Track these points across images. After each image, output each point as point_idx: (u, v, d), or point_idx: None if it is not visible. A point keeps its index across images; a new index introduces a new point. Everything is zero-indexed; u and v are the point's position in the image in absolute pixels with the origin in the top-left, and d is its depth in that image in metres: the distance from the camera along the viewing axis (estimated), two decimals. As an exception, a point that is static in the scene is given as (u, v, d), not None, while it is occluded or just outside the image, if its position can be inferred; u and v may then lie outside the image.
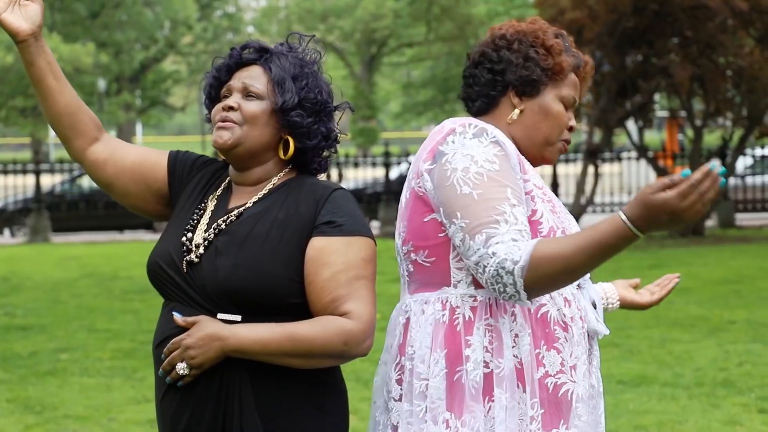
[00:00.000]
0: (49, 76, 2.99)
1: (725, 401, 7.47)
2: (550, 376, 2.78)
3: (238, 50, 2.96)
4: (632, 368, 8.50)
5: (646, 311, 11.25)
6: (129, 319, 11.42)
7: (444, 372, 2.77)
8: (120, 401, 7.75)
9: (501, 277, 2.64)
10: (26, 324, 11.20)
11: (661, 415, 7.14)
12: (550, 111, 2.90)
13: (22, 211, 23.49)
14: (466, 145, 2.78)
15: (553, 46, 2.90)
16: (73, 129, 3.00)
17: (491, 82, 2.91)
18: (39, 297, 13.25)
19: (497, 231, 2.68)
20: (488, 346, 2.77)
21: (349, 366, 8.67)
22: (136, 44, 47.23)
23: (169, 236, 2.94)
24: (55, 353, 9.59)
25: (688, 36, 18.82)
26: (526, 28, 2.93)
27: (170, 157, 3.04)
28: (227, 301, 2.79)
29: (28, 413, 7.48)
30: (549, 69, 2.90)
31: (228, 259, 2.80)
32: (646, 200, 2.53)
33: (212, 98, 2.99)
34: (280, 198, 2.88)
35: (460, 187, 2.74)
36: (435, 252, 2.82)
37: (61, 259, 17.83)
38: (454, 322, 2.79)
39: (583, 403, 2.80)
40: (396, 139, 56.72)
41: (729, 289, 12.71)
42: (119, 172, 3.01)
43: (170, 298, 2.88)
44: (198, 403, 2.81)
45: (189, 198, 2.99)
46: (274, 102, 2.89)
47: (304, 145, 2.91)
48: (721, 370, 8.42)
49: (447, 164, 2.77)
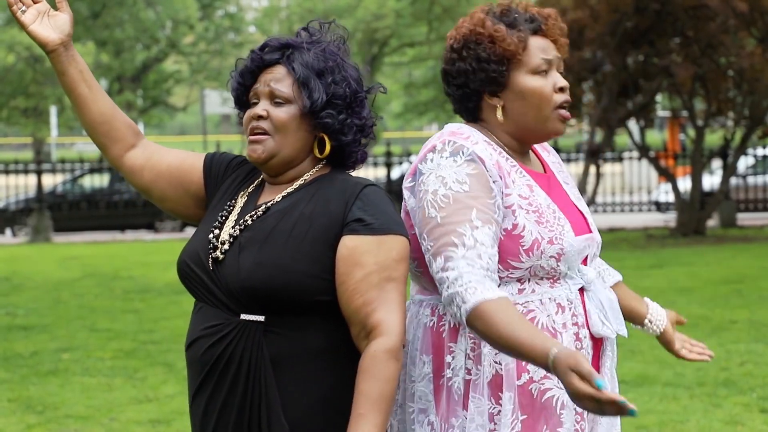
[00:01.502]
0: (82, 84, 2.97)
1: (727, 401, 7.47)
2: (534, 382, 2.76)
3: (258, 53, 2.90)
4: (634, 368, 8.50)
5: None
6: (130, 318, 11.43)
7: (430, 376, 2.81)
8: (121, 401, 7.75)
9: (452, 304, 2.69)
10: (28, 324, 11.20)
11: (662, 415, 7.14)
12: (526, 91, 2.86)
13: (23, 211, 23.51)
14: (441, 165, 2.79)
15: (494, 35, 2.85)
16: (109, 136, 2.99)
17: (464, 97, 2.90)
18: (40, 297, 13.25)
19: (454, 254, 2.70)
20: (470, 353, 2.78)
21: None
22: (137, 44, 47.25)
23: (198, 234, 2.92)
24: (57, 353, 9.60)
25: (690, 36, 18.82)
26: (467, 29, 2.88)
27: (206, 159, 3.02)
28: (250, 299, 2.77)
29: (29, 413, 7.48)
30: (501, 58, 2.85)
31: (250, 256, 2.78)
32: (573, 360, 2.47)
33: (242, 103, 2.94)
34: (309, 193, 2.84)
35: (428, 210, 2.77)
36: (422, 263, 2.85)
37: (62, 258, 17.84)
38: (441, 329, 2.82)
39: (567, 410, 2.78)
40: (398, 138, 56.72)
41: (730, 288, 12.70)
42: (156, 177, 2.99)
43: (199, 298, 2.87)
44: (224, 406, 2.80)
45: (222, 197, 2.97)
46: (303, 105, 2.84)
47: (339, 142, 2.86)
48: (722, 369, 8.42)
49: (422, 185, 2.80)
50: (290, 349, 2.77)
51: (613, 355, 2.94)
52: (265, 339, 2.77)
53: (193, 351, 2.84)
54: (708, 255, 16.39)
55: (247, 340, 2.77)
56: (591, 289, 2.88)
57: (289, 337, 2.78)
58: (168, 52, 48.74)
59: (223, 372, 2.79)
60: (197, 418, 2.85)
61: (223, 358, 2.79)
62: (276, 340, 2.77)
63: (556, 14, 2.92)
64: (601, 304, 2.88)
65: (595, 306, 2.87)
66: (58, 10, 2.98)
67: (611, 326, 2.88)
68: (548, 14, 2.91)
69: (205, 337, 2.81)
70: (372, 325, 2.73)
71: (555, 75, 2.89)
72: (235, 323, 2.78)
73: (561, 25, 2.93)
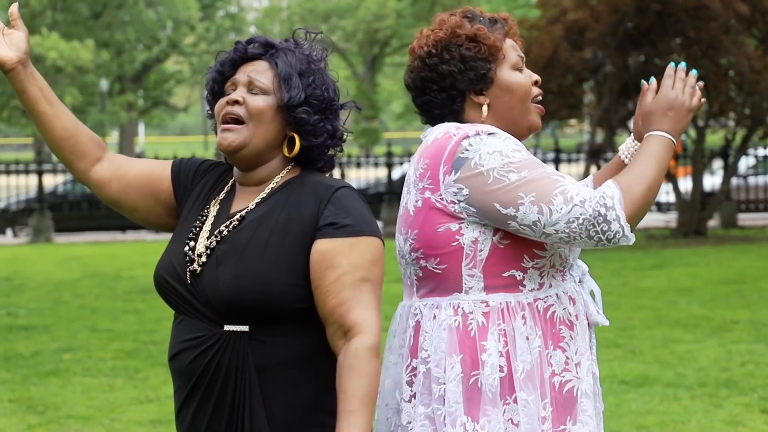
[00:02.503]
0: (43, 102, 2.95)
1: (728, 401, 7.47)
2: (556, 375, 2.84)
3: (243, 44, 2.90)
4: (635, 368, 8.50)
5: (648, 311, 11.25)
6: (131, 319, 11.43)
7: (460, 377, 2.80)
8: (122, 401, 7.76)
9: (603, 216, 2.75)
10: (29, 324, 11.20)
11: (663, 416, 7.14)
12: (510, 85, 2.93)
13: (24, 211, 23.52)
14: (487, 144, 2.81)
15: (477, 33, 2.91)
16: (74, 152, 2.97)
17: (448, 99, 2.92)
18: (41, 297, 13.25)
19: (568, 187, 2.78)
20: (502, 350, 2.80)
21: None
22: (138, 44, 47.24)
23: (173, 246, 2.90)
24: (58, 353, 9.60)
25: (691, 37, 18.81)
26: (443, 34, 2.92)
27: (174, 166, 2.99)
28: (231, 312, 2.76)
29: (30, 413, 7.48)
30: (488, 55, 2.90)
31: (229, 269, 2.76)
32: (646, 110, 2.95)
33: (215, 93, 2.91)
34: (282, 199, 2.82)
35: (507, 177, 2.79)
36: (447, 260, 2.84)
37: (63, 259, 17.84)
38: (468, 328, 2.82)
39: (587, 398, 2.87)
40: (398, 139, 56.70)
41: (731, 289, 12.70)
42: (125, 188, 2.97)
43: (178, 310, 2.85)
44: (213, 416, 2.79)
45: (193, 205, 2.94)
46: (280, 98, 2.83)
47: (309, 143, 2.85)
48: (723, 370, 8.41)
49: (479, 167, 2.80)
50: (275, 357, 2.77)
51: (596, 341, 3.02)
52: (250, 348, 2.76)
53: (178, 362, 2.83)
54: (709, 255, 16.39)
55: (232, 351, 2.76)
56: (584, 280, 2.96)
57: (273, 345, 2.77)
58: (169, 53, 48.73)
59: (211, 383, 2.78)
60: (185, 426, 2.84)
61: (209, 368, 2.78)
62: (261, 349, 2.76)
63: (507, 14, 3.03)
64: (592, 293, 2.96)
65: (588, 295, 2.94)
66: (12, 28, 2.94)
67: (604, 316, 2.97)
68: (506, 17, 3.01)
69: (190, 349, 2.80)
70: (349, 324, 2.73)
71: (527, 71, 2.99)
72: (219, 334, 2.77)
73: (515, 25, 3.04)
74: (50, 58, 40.29)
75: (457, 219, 2.82)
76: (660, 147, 2.90)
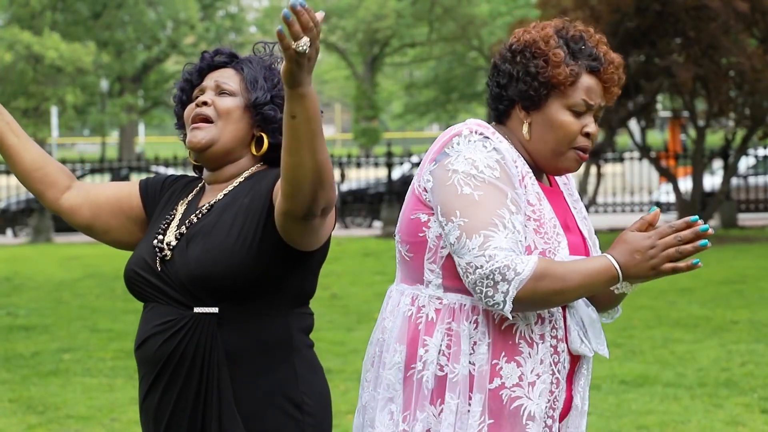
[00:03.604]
0: (10, 134, 3.04)
1: (728, 401, 7.47)
2: (506, 388, 2.77)
3: (210, 54, 3.04)
4: (635, 368, 8.51)
5: (648, 311, 11.24)
6: (131, 319, 11.43)
7: (400, 366, 2.82)
8: (122, 401, 7.76)
9: (494, 281, 2.66)
10: (29, 324, 11.21)
11: (663, 416, 7.14)
12: (554, 122, 2.85)
13: (24, 211, 23.52)
14: (469, 149, 2.79)
15: (550, 57, 2.84)
16: (44, 182, 3.06)
17: (498, 97, 2.91)
18: (41, 297, 13.26)
19: (495, 235, 2.70)
20: (444, 350, 2.78)
21: (352, 366, 8.65)
22: (138, 44, 47.25)
23: (143, 244, 2.99)
24: (58, 353, 9.61)
25: (691, 36, 18.81)
26: (532, 38, 2.88)
27: (141, 184, 3.11)
28: (201, 289, 2.82)
29: (30, 413, 7.48)
30: (547, 82, 2.84)
31: (197, 246, 2.85)
32: (623, 237, 2.71)
33: (183, 102, 3.05)
34: (248, 185, 2.93)
35: (461, 188, 2.75)
36: (414, 249, 2.85)
37: (63, 259, 17.85)
38: (418, 321, 2.82)
39: (533, 423, 2.77)
40: (398, 139, 56.68)
41: (731, 289, 12.71)
42: (96, 210, 3.06)
43: (148, 299, 2.92)
44: (178, 401, 2.84)
45: (162, 209, 3.05)
46: (247, 98, 2.96)
47: (277, 140, 2.94)
48: (723, 370, 8.42)
49: (449, 165, 2.79)
50: (244, 342, 2.84)
51: (588, 374, 2.93)
52: (219, 332, 2.82)
53: (146, 349, 2.88)
54: (709, 255, 16.38)
55: (201, 334, 2.83)
56: (573, 306, 2.87)
57: (242, 330, 2.84)
58: (169, 53, 48.73)
59: (178, 366, 2.84)
60: (150, 414, 2.89)
61: (177, 352, 2.84)
62: (230, 333, 2.83)
63: (620, 62, 2.91)
64: (582, 322, 2.87)
65: (576, 323, 2.85)
66: None
67: (589, 345, 2.86)
68: (613, 60, 2.89)
69: (159, 334, 2.86)
70: None
71: (588, 119, 2.90)
72: (189, 317, 2.84)
73: (621, 75, 2.91)
74: (49, 58, 40.29)
75: (428, 209, 2.83)
76: (601, 269, 2.69)
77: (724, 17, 18.19)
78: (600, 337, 2.90)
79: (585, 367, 2.90)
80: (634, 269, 2.68)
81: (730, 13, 18.16)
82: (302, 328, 2.93)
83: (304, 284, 2.92)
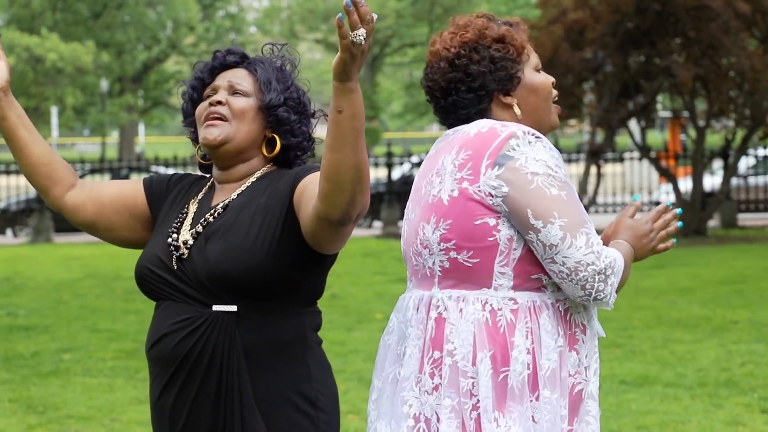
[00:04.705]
0: (22, 128, 3.04)
1: (728, 401, 7.47)
2: (570, 376, 2.87)
3: (222, 53, 3.06)
4: (635, 368, 8.50)
5: (648, 311, 11.24)
6: (131, 319, 11.43)
7: (490, 372, 2.82)
8: (122, 401, 7.76)
9: (606, 276, 2.82)
10: (29, 324, 11.21)
11: (663, 416, 7.14)
12: (536, 85, 3.00)
13: (24, 212, 23.51)
14: (533, 149, 2.84)
15: (505, 35, 2.97)
16: (50, 178, 3.06)
17: (476, 99, 2.95)
18: (41, 297, 13.26)
19: (592, 232, 2.85)
20: (529, 348, 2.83)
21: (352, 366, 8.66)
22: (138, 45, 47.24)
23: (154, 242, 3.00)
24: (58, 353, 9.60)
25: (691, 36, 18.81)
26: (470, 36, 2.97)
27: (145, 181, 3.12)
28: (220, 287, 2.83)
29: (30, 413, 7.48)
30: (516, 56, 2.96)
31: (217, 245, 2.86)
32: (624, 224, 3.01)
33: (194, 100, 3.06)
34: (262, 185, 2.95)
35: (548, 189, 2.81)
36: (480, 254, 2.85)
37: (63, 259, 17.85)
38: (498, 324, 2.83)
39: (592, 400, 2.90)
40: (398, 139, 56.69)
41: (731, 289, 12.70)
42: (100, 208, 3.07)
43: (163, 297, 2.92)
44: (196, 399, 2.85)
45: (170, 208, 3.05)
46: (261, 99, 2.98)
47: (289, 142, 2.99)
48: (723, 370, 8.42)
49: (524, 168, 2.82)
50: (261, 339, 2.85)
51: None
52: (237, 330, 2.83)
53: (161, 347, 2.89)
54: (709, 255, 16.39)
55: (219, 332, 2.83)
56: None
57: (260, 327, 2.85)
58: (169, 53, 48.72)
59: (195, 364, 2.84)
60: (165, 413, 2.89)
61: (195, 350, 2.84)
62: (248, 331, 2.84)
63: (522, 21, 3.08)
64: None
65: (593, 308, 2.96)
66: None
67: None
68: (518, 21, 3.06)
69: (175, 332, 2.86)
70: None
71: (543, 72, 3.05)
72: (207, 315, 2.84)
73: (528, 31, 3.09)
74: (50, 59, 40.31)
75: (494, 213, 2.84)
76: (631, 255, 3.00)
77: (724, 17, 18.19)
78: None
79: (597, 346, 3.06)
80: (640, 252, 3.00)
81: (730, 13, 18.16)
82: (314, 327, 2.95)
83: (317, 284, 2.94)
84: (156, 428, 2.95)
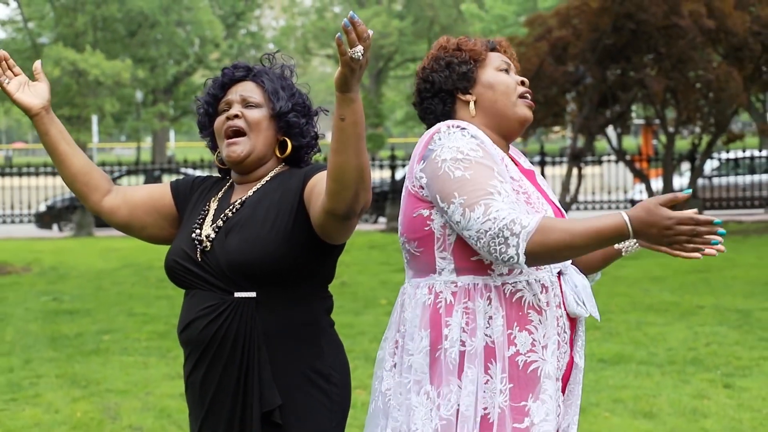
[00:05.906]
0: (62, 142, 3.05)
1: (694, 377, 7.47)
2: (521, 355, 2.76)
3: (230, 69, 3.06)
4: (612, 348, 8.51)
5: (624, 298, 11.23)
6: (163, 304, 11.44)
7: (427, 349, 2.79)
8: (156, 377, 7.77)
9: (504, 238, 2.64)
10: (72, 309, 11.22)
11: (637, 390, 7.14)
12: (491, 81, 2.94)
13: (68, 209, 23.53)
14: (451, 139, 2.80)
15: (459, 42, 2.98)
16: (89, 186, 3.07)
17: (440, 103, 2.95)
18: (84, 285, 13.28)
19: (494, 201, 2.69)
20: (465, 327, 2.77)
21: (359, 346, 8.66)
22: (169, 60, 47.25)
23: (180, 237, 3.00)
24: (98, 335, 9.62)
25: (662, 52, 18.79)
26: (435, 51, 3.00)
27: (172, 184, 3.13)
28: (240, 275, 2.83)
29: (74, 387, 7.50)
30: (469, 58, 2.94)
31: (237, 237, 2.87)
32: (649, 206, 2.58)
33: (210, 115, 3.05)
34: (276, 183, 2.96)
35: (453, 173, 2.75)
36: (422, 243, 2.84)
37: (103, 251, 17.87)
38: (437, 305, 2.80)
39: (548, 380, 2.77)
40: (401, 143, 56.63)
41: (698, 277, 12.70)
42: (133, 209, 3.08)
43: (191, 286, 2.93)
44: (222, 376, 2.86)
45: (194, 206, 3.06)
46: (272, 108, 2.98)
47: (299, 143, 3.00)
48: (690, 349, 8.42)
49: (437, 158, 2.79)
50: (280, 323, 2.85)
51: (583, 335, 2.93)
52: (257, 314, 2.84)
53: (191, 331, 2.90)
54: (678, 247, 16.36)
55: (241, 317, 2.84)
56: (567, 273, 2.87)
57: (278, 312, 2.85)
58: (196, 67, 48.74)
59: (220, 347, 2.85)
60: (196, 388, 2.91)
61: (219, 333, 2.85)
62: (266, 316, 2.84)
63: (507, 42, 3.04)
64: (575, 285, 2.87)
65: (571, 288, 2.85)
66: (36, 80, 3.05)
67: (584, 307, 2.86)
68: (500, 40, 3.02)
69: (202, 318, 2.87)
70: None
71: (515, 74, 2.99)
72: (230, 301, 2.85)
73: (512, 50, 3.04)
74: (93, 74, 40.35)
75: (427, 204, 2.82)
76: (611, 226, 2.60)
77: (692, 35, 18.16)
78: (592, 301, 2.90)
79: (581, 329, 2.91)
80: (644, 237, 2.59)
81: (697, 31, 18.13)
82: (326, 310, 2.96)
83: (328, 271, 2.95)
84: (189, 400, 2.97)
